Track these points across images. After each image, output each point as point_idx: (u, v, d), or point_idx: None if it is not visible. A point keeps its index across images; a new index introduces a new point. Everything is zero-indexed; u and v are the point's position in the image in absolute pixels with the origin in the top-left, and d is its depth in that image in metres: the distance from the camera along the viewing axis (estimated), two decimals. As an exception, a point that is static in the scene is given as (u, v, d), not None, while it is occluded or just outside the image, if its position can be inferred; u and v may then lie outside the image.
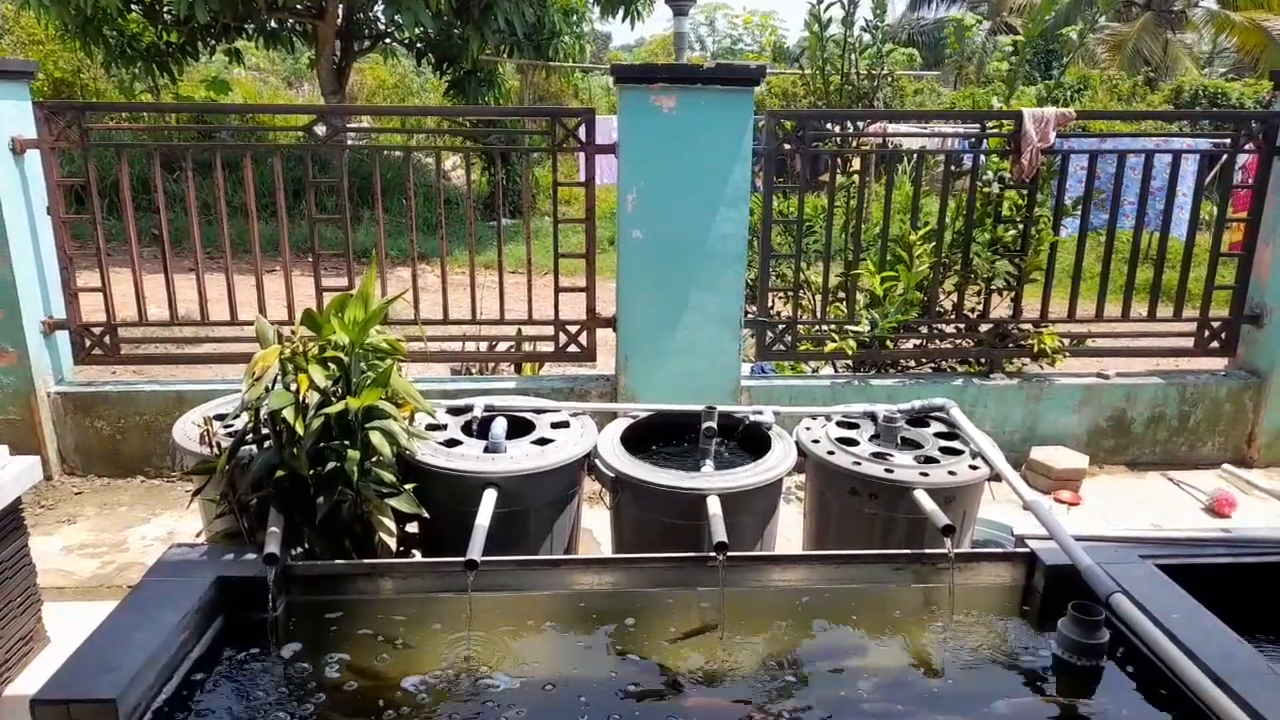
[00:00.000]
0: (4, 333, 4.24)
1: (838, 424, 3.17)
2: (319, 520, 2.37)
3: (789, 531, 3.53)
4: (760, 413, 3.16)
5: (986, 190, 4.85)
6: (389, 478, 2.52)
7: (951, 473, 2.79)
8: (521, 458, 2.78)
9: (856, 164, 5.36)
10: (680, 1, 8.19)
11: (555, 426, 3.06)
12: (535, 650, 2.20)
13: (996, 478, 2.84)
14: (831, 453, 2.91)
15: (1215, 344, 5.04)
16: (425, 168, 13.16)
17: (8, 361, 4.28)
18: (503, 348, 4.97)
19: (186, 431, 2.94)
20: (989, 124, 4.92)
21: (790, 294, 4.90)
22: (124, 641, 1.95)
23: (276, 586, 2.24)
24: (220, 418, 3.00)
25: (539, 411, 3.17)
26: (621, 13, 12.92)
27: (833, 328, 4.85)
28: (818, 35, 5.69)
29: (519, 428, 3.05)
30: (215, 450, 2.63)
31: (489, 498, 2.58)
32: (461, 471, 2.69)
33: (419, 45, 13.02)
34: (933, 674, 2.16)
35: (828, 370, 5.15)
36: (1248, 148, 4.82)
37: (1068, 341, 4.91)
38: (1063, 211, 4.86)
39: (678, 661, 2.15)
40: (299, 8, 11.31)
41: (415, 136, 11.84)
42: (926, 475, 2.75)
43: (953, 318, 4.97)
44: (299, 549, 2.42)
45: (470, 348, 4.93)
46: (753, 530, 2.87)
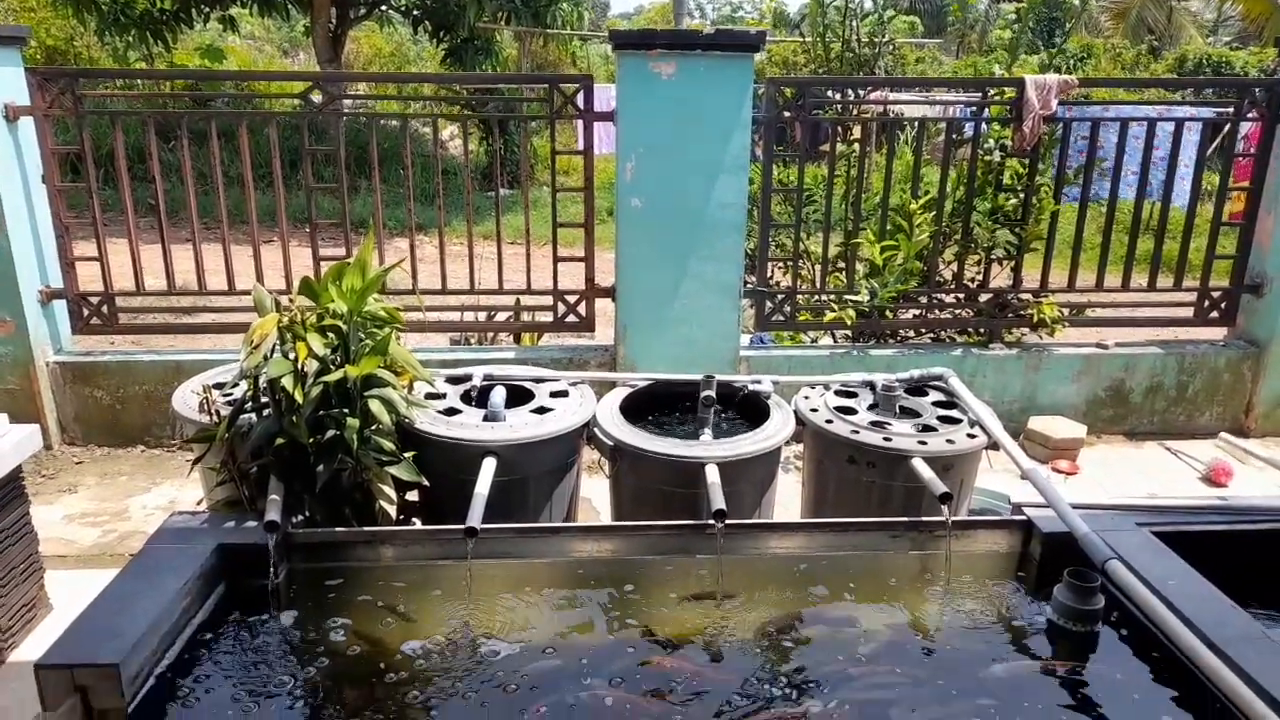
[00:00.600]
0: (1, 302, 4.23)
1: (836, 393, 3.17)
2: (319, 488, 2.37)
3: (787, 500, 3.55)
4: (759, 382, 3.17)
5: (988, 159, 4.82)
6: (388, 446, 2.52)
7: (949, 441, 2.79)
8: (520, 426, 2.79)
9: (857, 132, 5.32)
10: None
11: (554, 395, 3.06)
12: (535, 617, 2.21)
13: (994, 446, 2.85)
14: (830, 421, 2.92)
15: (1215, 314, 5.04)
16: (423, 137, 13.06)
17: (5, 331, 4.27)
18: (501, 318, 4.96)
19: (186, 400, 2.94)
20: (991, 91, 4.88)
21: (789, 264, 4.88)
22: (126, 608, 1.96)
23: (277, 554, 2.25)
24: (219, 386, 3.00)
25: (538, 380, 3.17)
26: (620, -21, 12.77)
27: (832, 297, 4.84)
28: (819, 0, 5.62)
29: (518, 397, 3.05)
30: (215, 419, 2.64)
31: (488, 466, 2.59)
32: (461, 440, 2.70)
33: (415, 12, 12.87)
34: (929, 639, 2.18)
35: (827, 340, 5.15)
36: (1251, 115, 4.78)
37: (1067, 311, 4.90)
38: (1064, 180, 4.84)
39: (676, 627, 2.17)
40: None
41: (412, 105, 11.73)
42: (924, 444, 2.76)
43: (952, 287, 4.96)
44: (299, 517, 2.43)
45: (469, 318, 4.92)
46: (751, 498, 2.89)
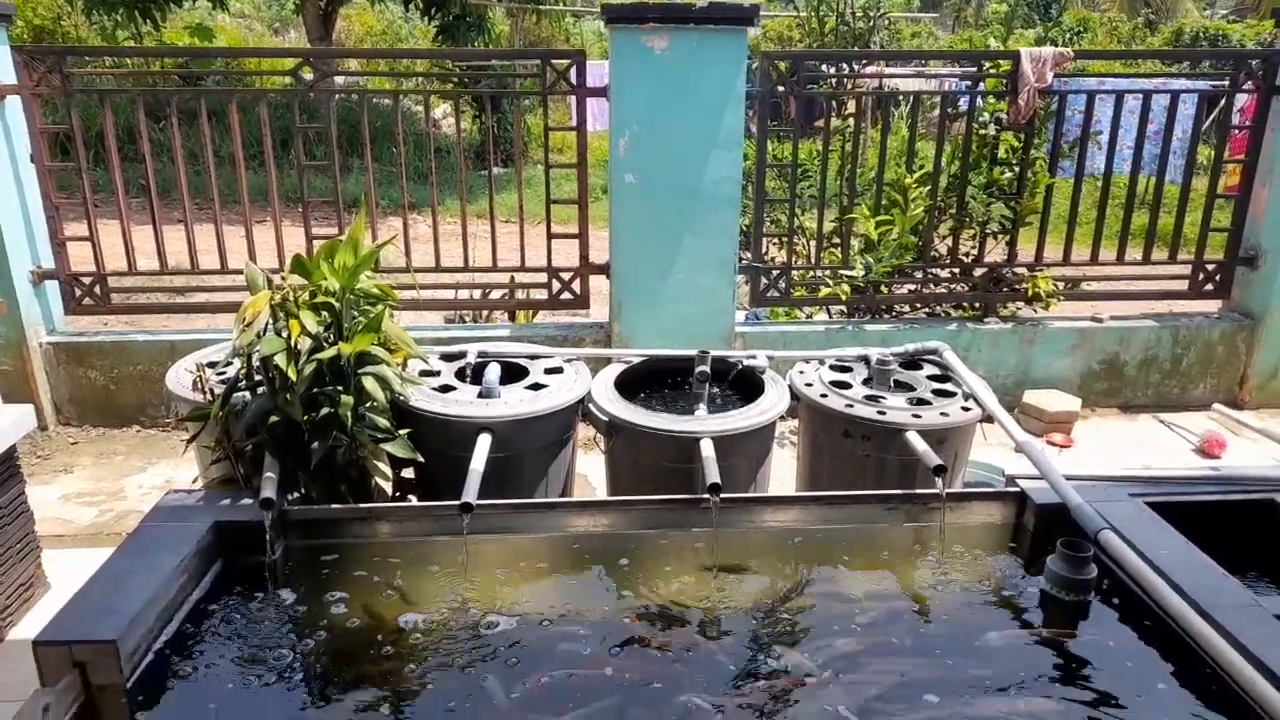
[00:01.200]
0: (-8, 283, 4.21)
1: (831, 367, 3.17)
2: (314, 465, 2.37)
3: (783, 476, 3.56)
4: (754, 357, 3.17)
5: (983, 132, 4.80)
6: (383, 423, 2.52)
7: (944, 414, 2.80)
8: (515, 403, 2.79)
9: (852, 107, 5.29)
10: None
11: (549, 372, 3.06)
12: (532, 591, 2.23)
13: (989, 419, 2.86)
14: (824, 395, 2.92)
15: (1210, 286, 5.04)
16: (415, 115, 12.96)
17: (-2, 312, 4.26)
18: (496, 296, 4.94)
19: (179, 379, 2.93)
20: (986, 65, 4.85)
21: (784, 239, 4.87)
22: (123, 585, 1.97)
23: (274, 531, 2.25)
24: (213, 365, 2.99)
25: (532, 357, 3.16)
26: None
27: (827, 273, 4.83)
28: (813, -27, 5.57)
29: (513, 374, 3.04)
30: (208, 397, 2.63)
31: (483, 442, 2.59)
32: (455, 417, 2.70)
33: (406, -12, 12.74)
34: (924, 609, 2.19)
35: (822, 316, 5.14)
36: (1247, 87, 4.76)
37: (1062, 285, 4.91)
38: (1059, 154, 4.82)
39: (672, 600, 2.18)
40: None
41: (404, 82, 11.63)
42: (919, 417, 2.77)
43: (947, 262, 4.95)
44: (295, 494, 2.43)
45: (463, 296, 4.91)
46: (746, 473, 2.89)
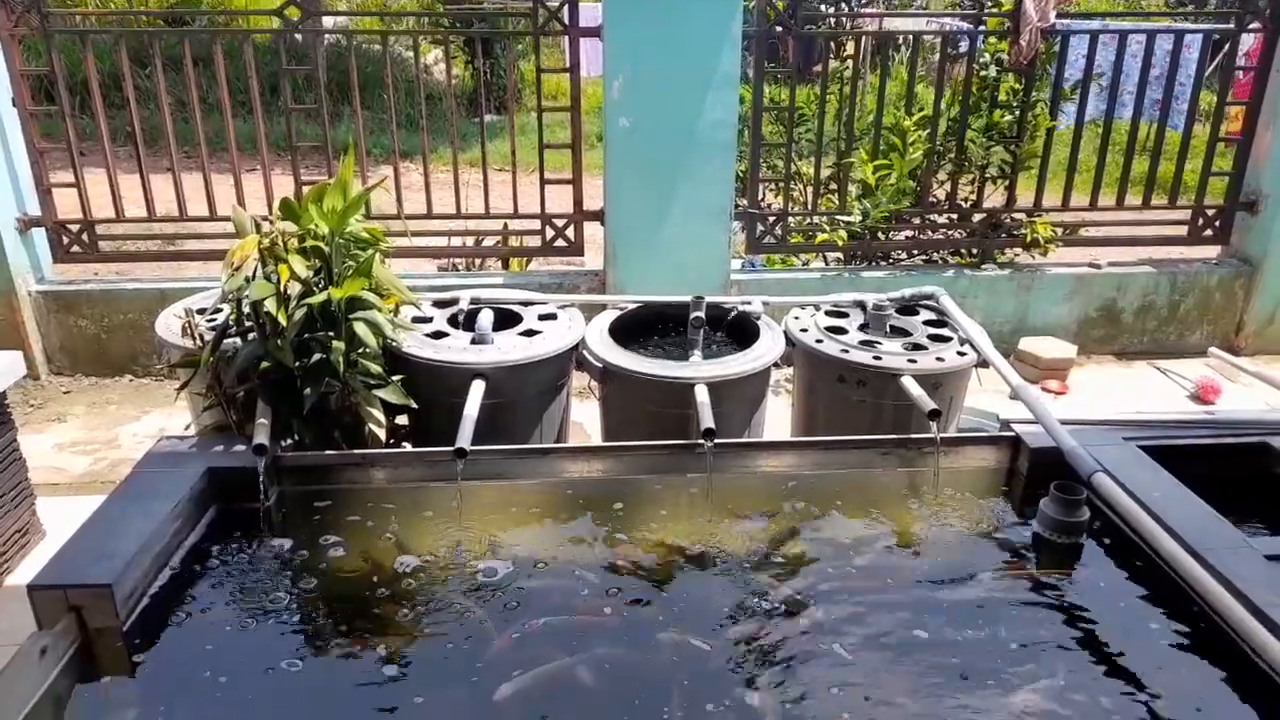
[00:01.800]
0: (-23, 231, 4.15)
1: (827, 313, 3.15)
2: (307, 411, 2.36)
3: (778, 424, 3.55)
4: (749, 303, 3.14)
5: (983, 74, 4.72)
6: (376, 369, 2.50)
7: (939, 359, 2.79)
8: (509, 349, 2.77)
9: (850, 48, 5.19)
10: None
11: (543, 319, 3.03)
12: (526, 536, 2.23)
13: (984, 365, 2.84)
14: (820, 341, 2.90)
15: (1209, 232, 5.00)
16: (405, 61, 12.71)
17: (-16, 260, 4.21)
18: (489, 244, 4.89)
19: (169, 325, 2.90)
20: (988, 3, 4.74)
21: (781, 185, 4.81)
22: (117, 530, 1.97)
23: (267, 477, 2.25)
24: (201, 311, 2.96)
25: (526, 304, 3.13)
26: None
27: (824, 219, 4.78)
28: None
29: (506, 320, 3.02)
30: (198, 343, 2.61)
31: (477, 388, 2.58)
32: (449, 363, 2.68)
33: (395, -72, 12.40)
34: (918, 552, 2.20)
35: (818, 263, 5.11)
36: (1253, 27, 4.67)
37: (1061, 231, 4.86)
38: (1061, 96, 4.74)
39: (667, 545, 2.19)
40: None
41: (393, 24, 11.39)
42: (914, 362, 2.75)
43: (946, 207, 4.90)
44: (288, 440, 2.42)
45: (456, 244, 4.86)
46: (741, 419, 2.89)
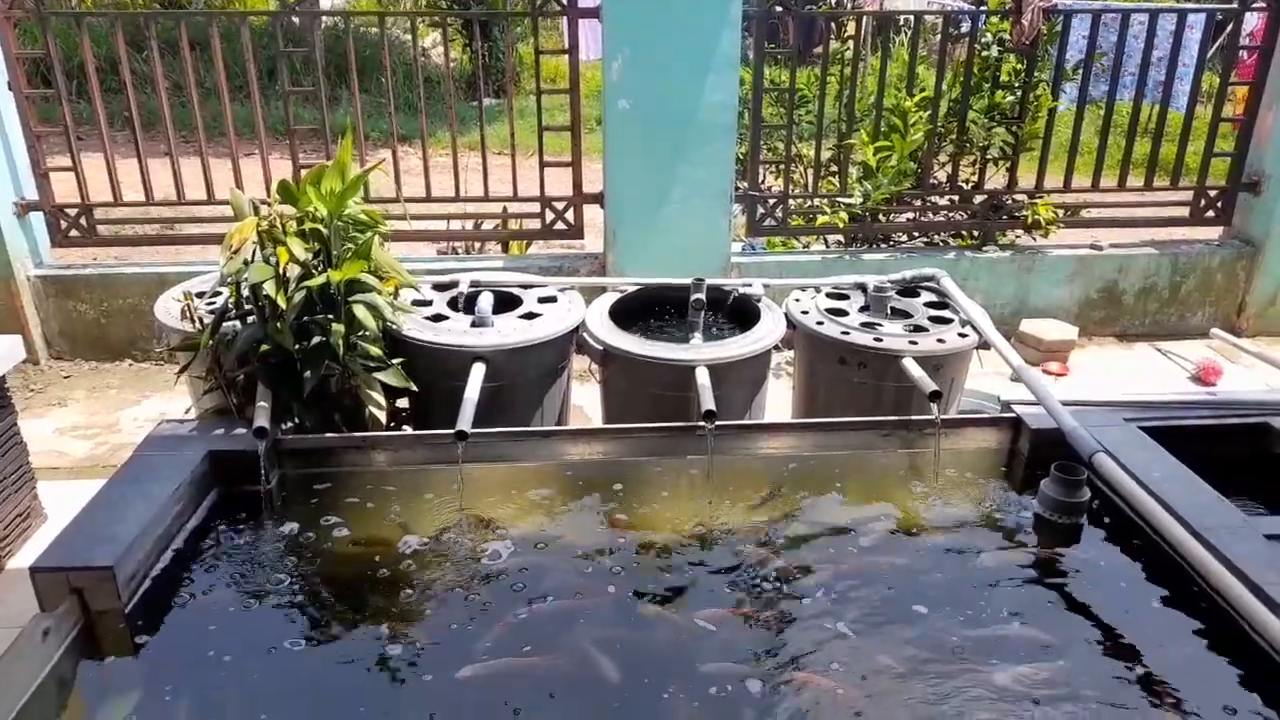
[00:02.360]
0: (-26, 215, 4.14)
1: (827, 295, 3.14)
2: (307, 395, 2.36)
3: (778, 407, 3.55)
4: (749, 285, 3.13)
5: (985, 54, 4.69)
6: (376, 352, 2.50)
7: (940, 340, 2.78)
8: (509, 332, 2.76)
9: (851, 28, 5.15)
10: None
11: (543, 301, 3.03)
12: (528, 518, 2.23)
13: (985, 346, 2.84)
14: (820, 323, 2.89)
15: (1211, 213, 4.98)
16: (403, 45, 12.64)
17: (-19, 245, 4.19)
18: (488, 227, 4.88)
19: (168, 308, 2.90)
20: (990, -17, 4.71)
21: (781, 167, 4.78)
22: (118, 513, 1.97)
23: (268, 460, 2.25)
24: (200, 295, 2.96)
25: (526, 287, 3.13)
26: None
27: (824, 202, 4.76)
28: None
29: (506, 303, 3.01)
30: (197, 326, 2.61)
31: (477, 371, 2.57)
32: (449, 346, 2.68)
33: (392, -90, 12.29)
34: (919, 533, 2.21)
35: (819, 246, 5.09)
36: (1257, 6, 4.63)
37: (1062, 213, 4.85)
38: (1063, 76, 4.71)
39: (670, 526, 2.19)
40: None
41: (390, 5, 11.32)
42: (915, 343, 2.75)
43: (947, 189, 4.88)
44: (289, 424, 2.42)
45: (455, 227, 4.85)
46: (741, 401, 2.88)
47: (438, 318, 2.86)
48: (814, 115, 4.81)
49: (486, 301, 2.87)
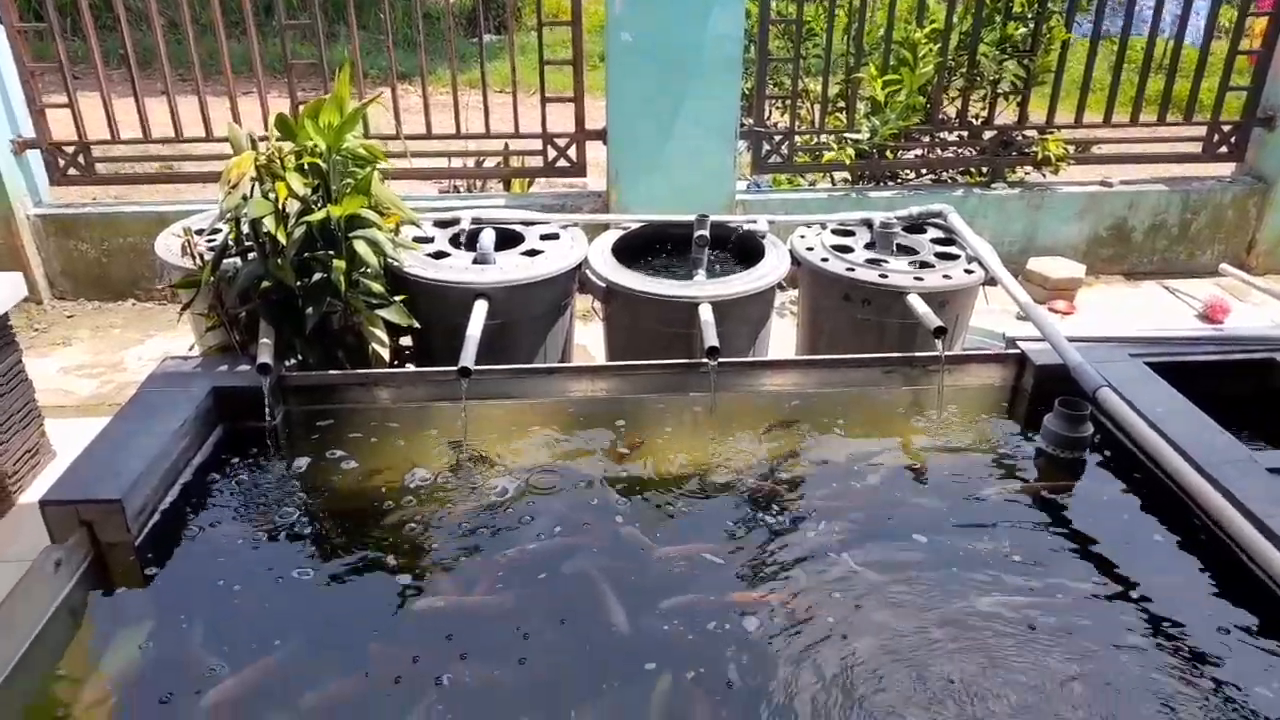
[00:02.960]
0: (-29, 153, 4.10)
1: (833, 232, 3.11)
2: (309, 331, 2.36)
3: (782, 346, 3.55)
4: (754, 222, 3.10)
5: (998, -16, 4.57)
6: (378, 288, 2.49)
7: (946, 276, 2.76)
8: (511, 268, 2.74)
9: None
10: None
11: (545, 238, 3.00)
12: (531, 454, 2.24)
13: (992, 283, 2.82)
14: (825, 260, 2.87)
15: (1224, 149, 4.90)
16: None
17: (-21, 183, 4.16)
18: (490, 165, 4.82)
19: (169, 245, 2.88)
20: (1005, -90, 4.57)
21: (788, 103, 4.70)
22: (125, 447, 1.98)
23: (273, 396, 2.25)
24: (200, 231, 2.94)
25: (528, 224, 3.10)
26: None
27: (831, 138, 4.69)
28: None
29: (508, 240, 2.99)
30: (198, 262, 2.59)
31: (479, 308, 2.56)
32: (450, 283, 2.66)
33: None
34: (922, 468, 2.21)
35: (825, 184, 5.03)
36: (1281, -68, 4.50)
37: (1073, 149, 4.77)
38: (1077, 7, 4.59)
39: (673, 464, 2.20)
40: None
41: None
42: (921, 280, 2.73)
43: (956, 125, 4.80)
44: (292, 360, 2.42)
45: (456, 165, 4.79)
46: (745, 338, 2.88)
47: (439, 255, 2.84)
48: (821, 49, 4.71)
49: (488, 238, 2.84)
